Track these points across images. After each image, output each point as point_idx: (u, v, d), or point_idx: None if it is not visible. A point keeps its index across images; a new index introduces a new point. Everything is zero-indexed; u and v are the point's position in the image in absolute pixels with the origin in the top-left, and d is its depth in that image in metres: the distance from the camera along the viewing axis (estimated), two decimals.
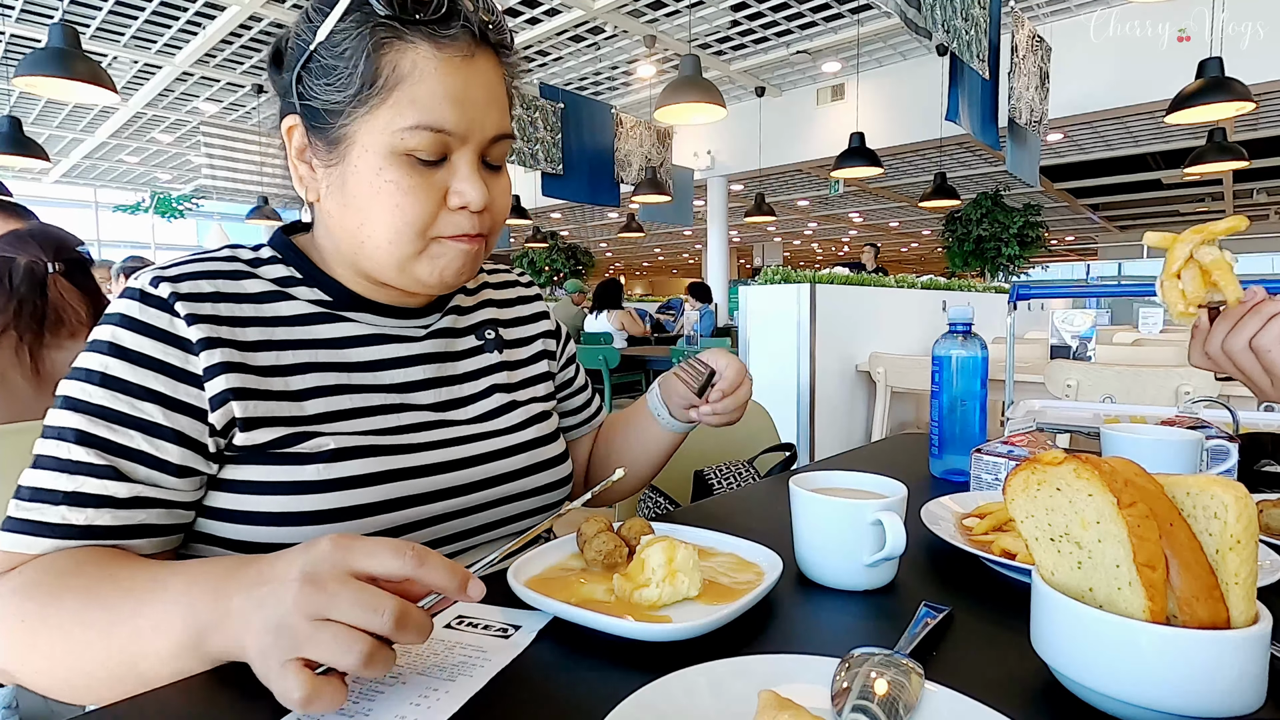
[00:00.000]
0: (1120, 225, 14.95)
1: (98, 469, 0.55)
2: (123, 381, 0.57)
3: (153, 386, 0.58)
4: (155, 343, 0.59)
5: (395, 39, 0.59)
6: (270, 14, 5.48)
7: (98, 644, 0.48)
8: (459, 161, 0.62)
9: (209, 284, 0.63)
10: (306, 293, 0.68)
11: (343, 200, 0.63)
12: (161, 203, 11.64)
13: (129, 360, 0.58)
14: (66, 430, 0.56)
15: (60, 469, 0.55)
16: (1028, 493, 0.45)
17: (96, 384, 0.57)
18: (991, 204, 9.00)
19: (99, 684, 0.48)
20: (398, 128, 0.59)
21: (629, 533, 0.64)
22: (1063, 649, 0.42)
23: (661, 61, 6.76)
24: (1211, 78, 3.67)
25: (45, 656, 0.49)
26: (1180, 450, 0.80)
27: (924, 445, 1.10)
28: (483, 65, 0.62)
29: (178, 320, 0.60)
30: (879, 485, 0.66)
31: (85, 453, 0.55)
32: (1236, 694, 0.37)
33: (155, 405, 0.58)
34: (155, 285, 0.60)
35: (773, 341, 3.62)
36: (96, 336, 0.59)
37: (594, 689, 0.44)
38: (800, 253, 21.45)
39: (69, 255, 1.54)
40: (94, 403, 0.56)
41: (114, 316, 0.59)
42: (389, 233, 0.61)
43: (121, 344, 0.58)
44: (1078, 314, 2.96)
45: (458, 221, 0.63)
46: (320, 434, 0.62)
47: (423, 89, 0.59)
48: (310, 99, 0.62)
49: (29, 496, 0.55)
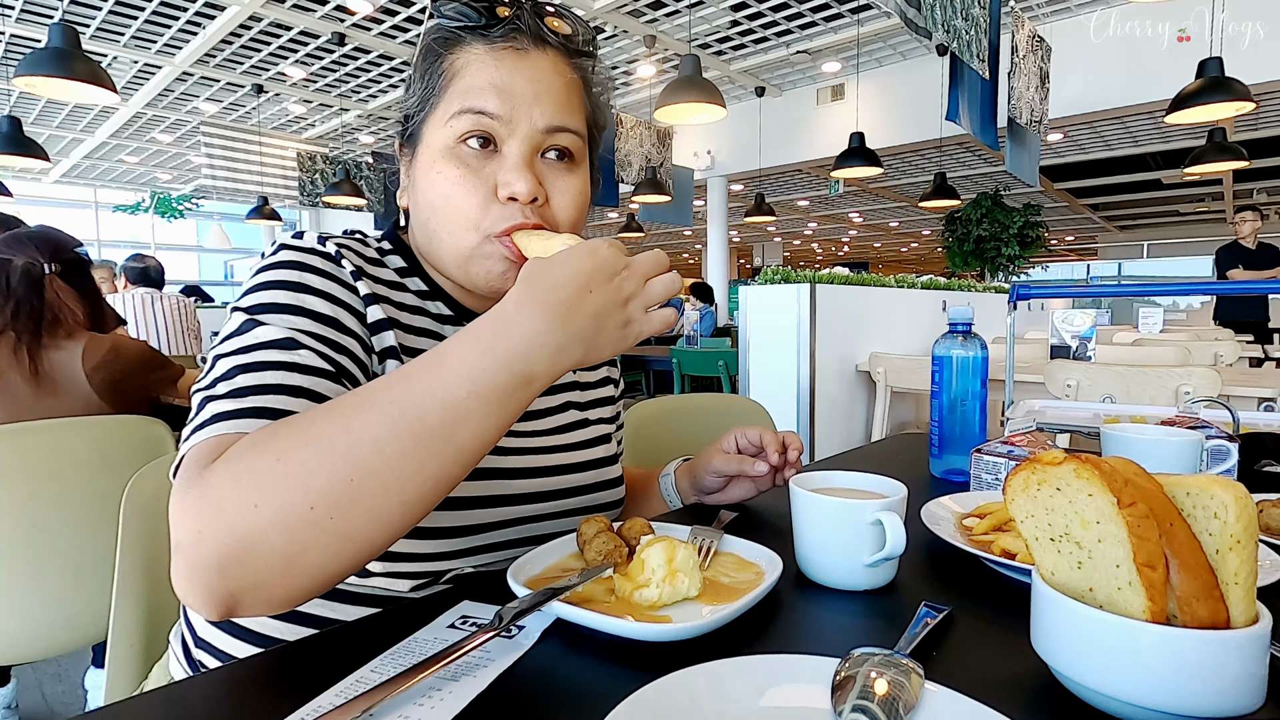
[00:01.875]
0: (1120, 225, 14.94)
1: (330, 374, 0.56)
2: (323, 315, 0.59)
3: (348, 325, 0.61)
4: (340, 287, 0.62)
5: (456, 44, 0.65)
6: (270, 14, 5.48)
7: (382, 390, 0.45)
8: (508, 151, 0.64)
9: (357, 258, 0.66)
10: (416, 284, 0.71)
11: (415, 198, 0.68)
12: (161, 203, 11.64)
13: (324, 298, 0.60)
14: (285, 340, 0.54)
15: (290, 369, 0.53)
16: (1028, 493, 0.45)
17: (299, 315, 0.57)
18: (991, 204, 9.01)
19: (385, 452, 0.44)
20: (448, 117, 0.63)
21: (629, 533, 0.64)
22: (1063, 649, 0.42)
23: (661, 61, 6.76)
24: (1211, 78, 3.67)
25: (316, 446, 0.44)
26: (1180, 450, 0.80)
27: (924, 445, 1.10)
28: (538, 60, 0.65)
29: (347, 272, 0.63)
30: (879, 485, 0.66)
31: (314, 358, 0.55)
32: (1236, 694, 0.37)
33: (353, 339, 0.61)
34: (322, 243, 0.63)
35: (773, 341, 3.62)
36: (278, 278, 0.58)
37: (594, 689, 0.44)
38: (800, 253, 21.46)
39: (66, 256, 1.54)
40: (304, 328, 0.57)
41: (292, 262, 0.60)
42: (446, 225, 0.64)
43: (312, 285, 0.59)
44: (1078, 314, 2.96)
45: (509, 214, 0.63)
46: None
47: (470, 79, 0.63)
48: (405, 111, 0.69)
49: (254, 391, 0.51)
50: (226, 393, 0.51)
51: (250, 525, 0.42)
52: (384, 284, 0.68)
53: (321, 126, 8.62)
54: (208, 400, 0.52)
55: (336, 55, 6.43)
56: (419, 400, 0.45)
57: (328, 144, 8.77)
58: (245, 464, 0.44)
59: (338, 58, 6.49)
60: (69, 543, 0.92)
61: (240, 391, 0.51)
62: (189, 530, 0.43)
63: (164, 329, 3.40)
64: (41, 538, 0.89)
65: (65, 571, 0.92)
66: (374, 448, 0.44)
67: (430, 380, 0.46)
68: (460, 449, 0.47)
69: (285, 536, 0.43)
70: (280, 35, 5.99)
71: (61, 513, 0.89)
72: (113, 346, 1.50)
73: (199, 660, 0.65)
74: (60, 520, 0.89)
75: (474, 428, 0.47)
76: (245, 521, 0.42)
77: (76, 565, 0.92)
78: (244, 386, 0.51)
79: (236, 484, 0.43)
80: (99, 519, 0.91)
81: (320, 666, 0.46)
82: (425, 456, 0.45)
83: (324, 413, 0.46)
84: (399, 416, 0.45)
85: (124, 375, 1.50)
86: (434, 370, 0.46)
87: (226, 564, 0.43)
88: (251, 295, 0.58)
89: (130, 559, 0.81)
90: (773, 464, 0.79)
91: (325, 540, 0.44)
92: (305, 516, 0.43)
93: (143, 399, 1.59)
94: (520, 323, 0.47)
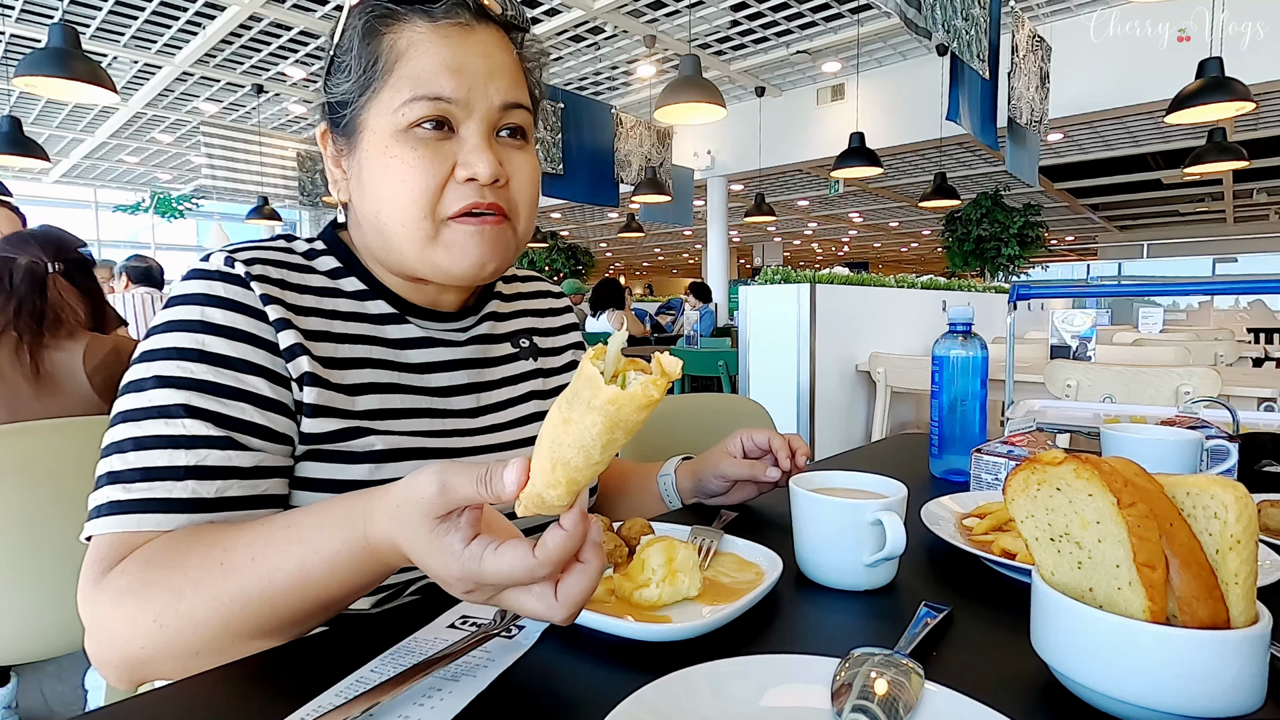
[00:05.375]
0: (1120, 225, 14.94)
1: (217, 440, 0.55)
2: (224, 356, 0.57)
3: (253, 360, 0.58)
4: (245, 318, 0.59)
5: (391, 19, 0.61)
6: (270, 14, 5.48)
7: (247, 582, 0.47)
8: (466, 134, 0.61)
9: (275, 271, 0.63)
10: (353, 284, 0.68)
11: (361, 190, 0.64)
12: (161, 203, 11.64)
13: (225, 336, 0.58)
14: (174, 407, 0.55)
15: (176, 445, 0.54)
16: (1028, 493, 0.45)
17: (196, 360, 0.56)
18: (991, 204, 9.00)
19: (262, 624, 0.48)
20: (398, 104, 0.60)
21: (629, 533, 0.64)
22: (1063, 649, 0.42)
23: (661, 61, 6.76)
24: (1211, 78, 3.67)
25: (186, 614, 0.47)
26: (1180, 450, 0.80)
27: (924, 445, 1.10)
28: (483, 36, 0.62)
29: (256, 297, 0.60)
30: (879, 485, 0.66)
31: (201, 426, 0.55)
32: (1236, 694, 0.37)
33: (259, 378, 0.58)
34: (230, 264, 0.61)
35: (773, 341, 3.62)
36: (180, 316, 0.58)
37: (595, 689, 0.44)
38: (800, 253, 21.45)
39: (69, 255, 1.54)
40: (198, 378, 0.56)
41: (195, 295, 0.59)
42: (399, 213, 0.61)
43: (214, 320, 0.58)
44: (1078, 314, 2.96)
45: (464, 194, 0.61)
46: (370, 431, 0.63)
47: (419, 62, 0.60)
48: (330, 98, 0.64)
49: (142, 476, 0.53)
50: (120, 472, 0.54)
51: (142, 656, 0.48)
52: (311, 291, 0.65)
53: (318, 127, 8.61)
54: (105, 478, 0.54)
55: None
56: (283, 596, 0.48)
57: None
58: (129, 612, 0.48)
59: None
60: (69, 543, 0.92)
61: (131, 475, 0.53)
62: (91, 639, 0.50)
63: None
64: (41, 538, 0.89)
65: (65, 571, 0.92)
66: (247, 621, 0.48)
67: (294, 579, 0.48)
68: (335, 612, 0.51)
69: (176, 665, 0.48)
70: (280, 35, 5.98)
71: (61, 513, 0.89)
72: (114, 348, 1.50)
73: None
74: (60, 520, 0.89)
75: (346, 601, 0.51)
76: (137, 654, 0.48)
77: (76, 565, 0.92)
78: (134, 469, 0.54)
79: (123, 625, 0.48)
80: None
81: (320, 666, 0.46)
82: (299, 622, 0.50)
83: (196, 579, 0.48)
84: (266, 607, 0.48)
85: (124, 375, 1.50)
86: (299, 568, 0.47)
87: (128, 670, 0.49)
88: (155, 337, 0.57)
89: None
90: (783, 469, 0.79)
91: (217, 660, 0.48)
92: (192, 656, 0.48)
93: None
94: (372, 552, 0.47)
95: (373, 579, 0.49)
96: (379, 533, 0.45)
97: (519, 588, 0.42)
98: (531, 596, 0.42)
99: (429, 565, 0.42)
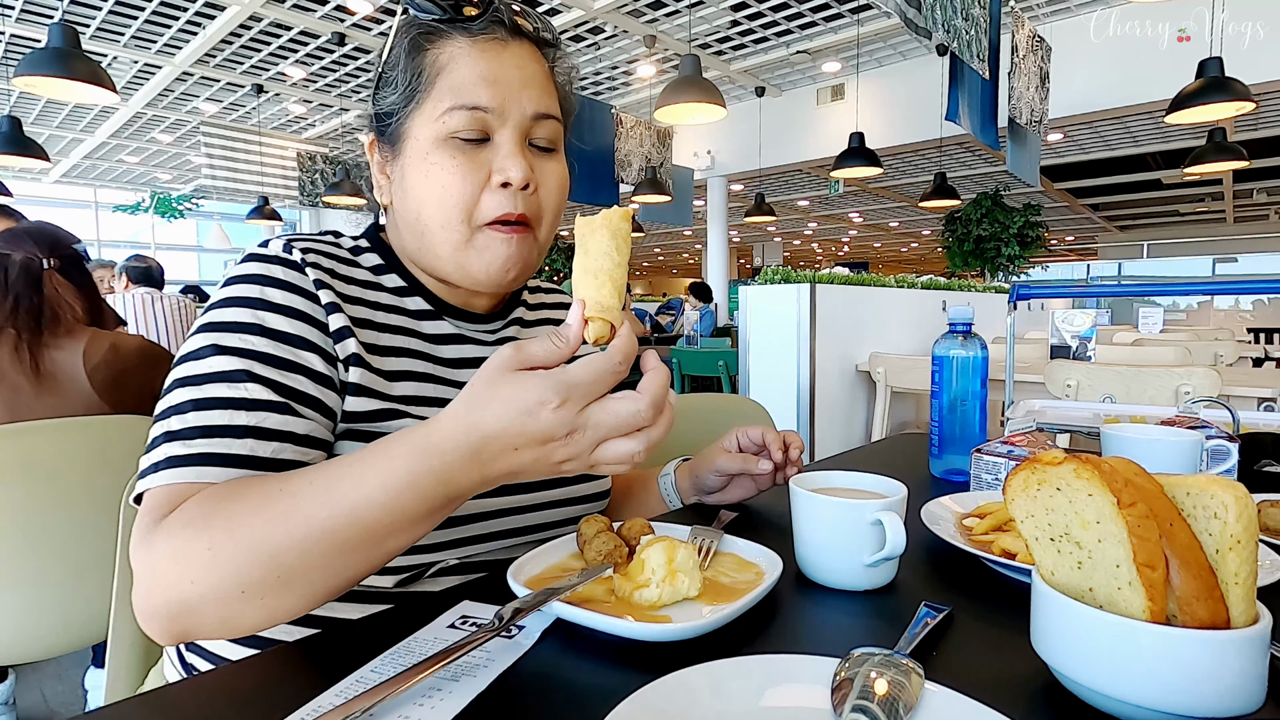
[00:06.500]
0: (1120, 225, 14.93)
1: (277, 405, 0.57)
2: (282, 332, 0.60)
3: (309, 337, 0.61)
4: (301, 299, 0.62)
5: (435, 37, 0.66)
6: (270, 14, 5.48)
7: (306, 505, 0.47)
8: (500, 140, 0.66)
9: (326, 261, 0.67)
10: (394, 281, 0.72)
11: (403, 193, 0.68)
12: (161, 203, 11.64)
13: (284, 314, 0.61)
14: (236, 372, 0.57)
15: (236, 406, 0.56)
16: (1028, 493, 0.45)
17: (256, 334, 0.59)
18: (991, 204, 9.00)
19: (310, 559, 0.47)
20: (439, 113, 0.64)
21: (629, 533, 0.64)
22: (1063, 649, 0.42)
23: (661, 61, 6.76)
24: (1211, 78, 3.67)
25: (242, 539, 0.47)
26: (1180, 450, 0.80)
27: (924, 445, 1.10)
28: (517, 51, 0.67)
29: (310, 281, 0.64)
30: (879, 485, 0.66)
31: (262, 390, 0.57)
32: (1236, 694, 0.37)
33: (314, 354, 0.61)
34: (289, 250, 0.64)
35: (773, 341, 3.62)
36: (241, 294, 0.61)
37: (595, 689, 0.44)
38: (800, 253, 21.45)
39: (64, 252, 1.54)
40: (258, 350, 0.58)
41: (255, 276, 0.62)
42: (440, 216, 0.65)
43: (272, 299, 0.61)
44: (1078, 314, 2.96)
45: (500, 201, 0.65)
46: (404, 414, 0.65)
47: (459, 74, 0.65)
48: (379, 110, 0.69)
49: (202, 434, 0.54)
50: (179, 430, 0.54)
51: (188, 596, 0.47)
52: (356, 283, 0.69)
53: (321, 126, 8.62)
54: (162, 437, 0.55)
55: (336, 55, 6.43)
56: (339, 520, 0.47)
57: (328, 144, 8.76)
58: (182, 543, 0.48)
59: (338, 58, 6.49)
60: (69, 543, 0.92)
61: (190, 432, 0.54)
62: (140, 585, 0.49)
63: (164, 328, 3.41)
64: (41, 538, 0.89)
65: (65, 571, 0.92)
66: (298, 554, 0.47)
67: (352, 498, 0.47)
68: (385, 553, 0.50)
69: (220, 609, 0.48)
70: (280, 35, 5.98)
71: (61, 513, 0.89)
72: (112, 345, 1.50)
73: (192, 664, 0.65)
74: (60, 520, 0.89)
75: (397, 540, 0.50)
76: (183, 594, 0.48)
77: (76, 565, 0.92)
78: (194, 426, 0.54)
79: (175, 560, 0.48)
80: (99, 519, 0.91)
81: (320, 666, 0.46)
82: (348, 562, 0.49)
83: (256, 505, 0.48)
84: (319, 533, 0.47)
85: (123, 372, 1.50)
86: (355, 487, 0.47)
87: (171, 618, 0.49)
88: (214, 311, 0.60)
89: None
90: (775, 462, 0.80)
91: (257, 610, 0.48)
92: (237, 597, 0.47)
93: (143, 395, 1.59)
94: (439, 458, 0.47)
95: (430, 504, 0.48)
96: (442, 432, 0.46)
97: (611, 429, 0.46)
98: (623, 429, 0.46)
99: (510, 420, 0.44)
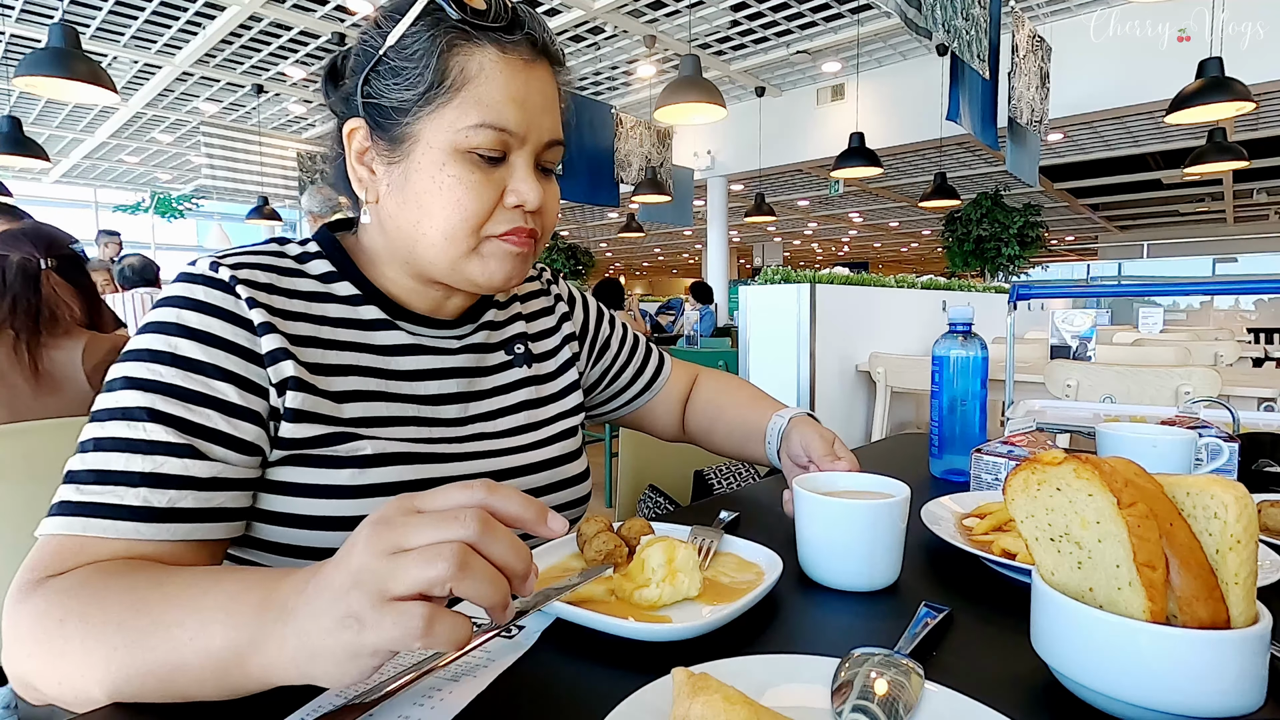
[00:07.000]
0: (1120, 225, 14.93)
1: (177, 448, 0.54)
2: (195, 361, 0.57)
3: (225, 366, 0.58)
4: (223, 323, 0.59)
5: (464, 41, 0.62)
6: (270, 14, 5.48)
7: (136, 653, 0.44)
8: (517, 162, 0.64)
9: (264, 275, 0.64)
10: (345, 289, 0.68)
11: (403, 197, 0.64)
12: (161, 203, 11.64)
13: (199, 340, 0.58)
14: (137, 410, 0.54)
15: (134, 449, 0.53)
16: (1028, 493, 0.45)
17: (167, 363, 0.56)
18: (991, 204, 8.99)
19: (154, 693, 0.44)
20: (463, 125, 0.61)
21: (629, 533, 0.64)
22: (1063, 649, 0.42)
23: (661, 61, 6.76)
24: (1211, 78, 3.67)
25: (77, 663, 0.45)
26: (1179, 450, 0.80)
27: (924, 445, 1.10)
28: (540, 72, 0.65)
29: (240, 302, 0.60)
30: (879, 485, 0.66)
31: (163, 431, 0.54)
32: (1236, 694, 0.37)
33: (229, 384, 0.58)
34: (215, 269, 0.61)
35: (773, 341, 3.62)
36: (158, 319, 0.58)
37: (595, 689, 0.44)
38: (800, 253, 21.45)
39: (62, 252, 1.54)
40: (166, 381, 0.55)
41: (175, 299, 0.59)
42: (446, 228, 0.63)
43: (189, 324, 0.58)
44: (1078, 314, 2.96)
45: (511, 218, 0.65)
46: (357, 436, 0.63)
47: (488, 89, 0.62)
48: (377, 99, 0.63)
49: (97, 479, 0.52)
50: (78, 472, 0.53)
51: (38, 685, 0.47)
52: (301, 296, 0.65)
53: (321, 126, 8.61)
54: (66, 475, 0.54)
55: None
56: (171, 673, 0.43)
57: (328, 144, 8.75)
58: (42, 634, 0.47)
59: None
60: None
61: (86, 476, 0.53)
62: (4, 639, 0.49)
63: None
64: None
65: None
66: (139, 687, 0.44)
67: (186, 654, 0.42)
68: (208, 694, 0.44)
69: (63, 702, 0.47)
70: (280, 35, 5.98)
71: None
72: (113, 347, 1.50)
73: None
74: None
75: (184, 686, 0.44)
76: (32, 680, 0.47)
77: None
78: (90, 470, 0.53)
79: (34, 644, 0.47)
80: None
81: None
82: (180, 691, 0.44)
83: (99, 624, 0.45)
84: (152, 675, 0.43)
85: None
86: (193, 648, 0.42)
87: (21, 688, 0.49)
88: (137, 337, 0.58)
89: None
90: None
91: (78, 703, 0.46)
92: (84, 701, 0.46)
93: None
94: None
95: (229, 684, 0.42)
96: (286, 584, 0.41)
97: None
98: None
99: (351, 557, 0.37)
